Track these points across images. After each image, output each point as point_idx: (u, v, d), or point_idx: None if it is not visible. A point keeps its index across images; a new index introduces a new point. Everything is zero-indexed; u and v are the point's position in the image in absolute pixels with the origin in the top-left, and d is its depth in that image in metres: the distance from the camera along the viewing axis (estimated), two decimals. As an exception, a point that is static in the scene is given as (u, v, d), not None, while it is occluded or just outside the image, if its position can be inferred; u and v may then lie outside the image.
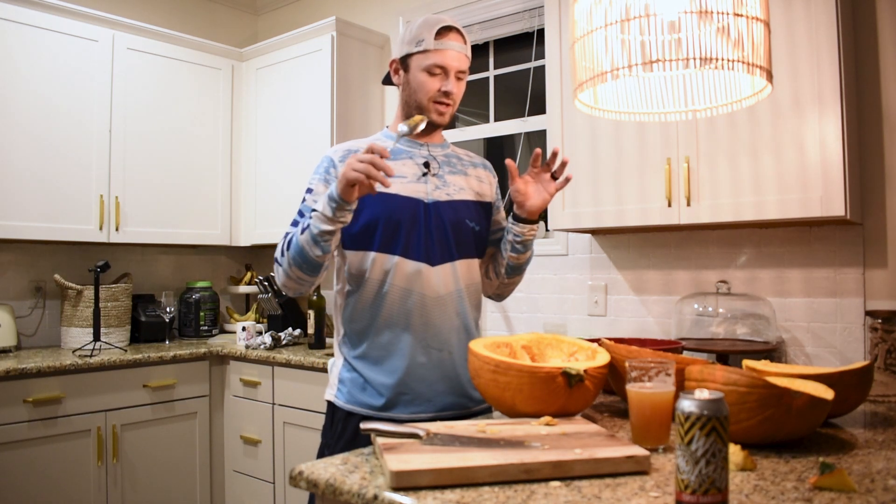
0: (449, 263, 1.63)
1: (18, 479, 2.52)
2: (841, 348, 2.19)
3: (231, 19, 4.07)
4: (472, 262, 1.70)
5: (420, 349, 1.60)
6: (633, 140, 2.27)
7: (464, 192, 1.70)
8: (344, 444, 1.61)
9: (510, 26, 3.07)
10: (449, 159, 1.73)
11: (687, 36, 1.15)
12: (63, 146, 2.97)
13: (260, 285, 3.42)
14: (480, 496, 0.96)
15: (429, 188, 1.65)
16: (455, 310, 1.64)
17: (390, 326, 1.60)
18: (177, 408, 3.01)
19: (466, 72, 1.68)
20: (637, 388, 1.21)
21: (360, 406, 1.62)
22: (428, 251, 1.61)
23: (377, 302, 1.61)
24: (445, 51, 1.61)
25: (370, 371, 1.62)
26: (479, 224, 1.71)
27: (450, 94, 1.63)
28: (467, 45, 1.66)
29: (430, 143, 1.72)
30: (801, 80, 1.95)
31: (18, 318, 3.11)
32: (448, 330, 1.63)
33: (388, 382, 1.60)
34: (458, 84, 1.66)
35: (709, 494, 0.85)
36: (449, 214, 1.64)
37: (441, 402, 1.62)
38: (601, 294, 2.71)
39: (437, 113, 1.64)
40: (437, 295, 1.61)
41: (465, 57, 1.65)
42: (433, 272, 1.61)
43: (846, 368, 1.33)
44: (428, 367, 1.61)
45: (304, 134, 3.29)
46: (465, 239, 1.67)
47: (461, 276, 1.66)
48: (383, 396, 1.60)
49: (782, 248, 2.30)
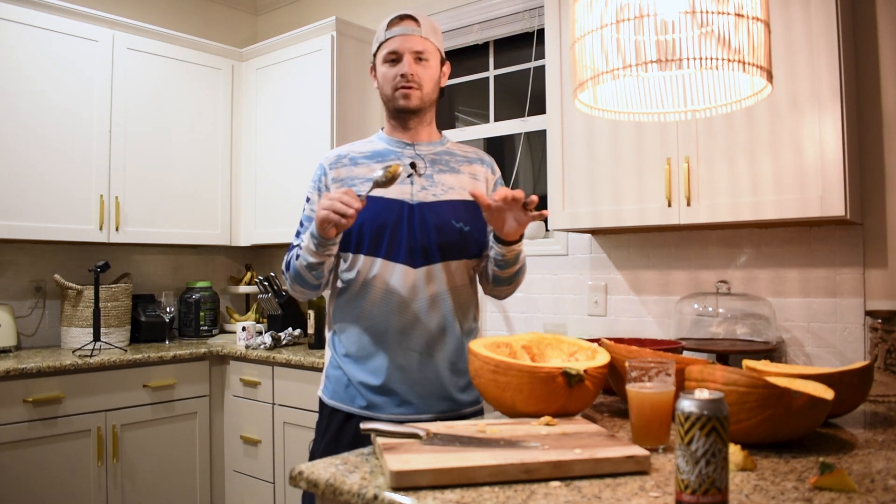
0: (432, 265, 1.62)
1: (18, 479, 2.52)
2: (841, 348, 2.19)
3: (231, 19, 4.07)
4: (459, 264, 1.66)
5: (401, 351, 1.60)
6: (633, 140, 2.27)
7: (452, 191, 1.67)
8: (328, 441, 1.65)
9: (510, 26, 3.07)
10: (440, 157, 1.71)
11: (687, 36, 1.15)
12: (63, 146, 2.97)
13: (260, 285, 3.42)
14: (480, 496, 0.96)
15: (414, 189, 1.64)
16: (438, 312, 1.62)
17: (372, 328, 1.62)
18: (177, 408, 3.01)
19: (427, 52, 1.65)
20: (637, 388, 1.21)
21: (344, 404, 1.64)
22: (410, 253, 1.60)
23: (361, 303, 1.63)
24: (395, 37, 1.64)
25: (354, 370, 1.64)
26: (468, 224, 1.65)
27: (408, 76, 1.62)
28: (421, 26, 1.65)
29: (419, 142, 1.71)
30: (802, 79, 1.95)
31: (18, 318, 3.11)
32: (429, 332, 1.61)
33: (370, 383, 1.61)
34: (420, 65, 1.64)
35: (709, 494, 0.85)
36: (433, 216, 1.62)
37: (423, 404, 1.62)
38: (601, 294, 2.71)
39: (402, 98, 1.64)
40: (419, 297, 1.60)
41: (418, 38, 1.64)
42: (415, 274, 1.60)
43: (846, 368, 1.33)
44: (409, 369, 1.60)
45: (304, 134, 3.29)
46: (451, 240, 1.63)
47: (445, 278, 1.63)
48: (365, 397, 1.62)
49: (782, 248, 2.30)
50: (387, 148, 1.70)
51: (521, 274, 1.70)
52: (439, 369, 1.63)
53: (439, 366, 1.63)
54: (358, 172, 1.67)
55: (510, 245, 1.58)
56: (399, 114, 1.68)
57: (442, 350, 1.63)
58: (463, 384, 1.68)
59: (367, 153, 1.70)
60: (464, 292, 1.69)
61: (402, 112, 1.67)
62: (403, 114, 1.67)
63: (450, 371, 1.65)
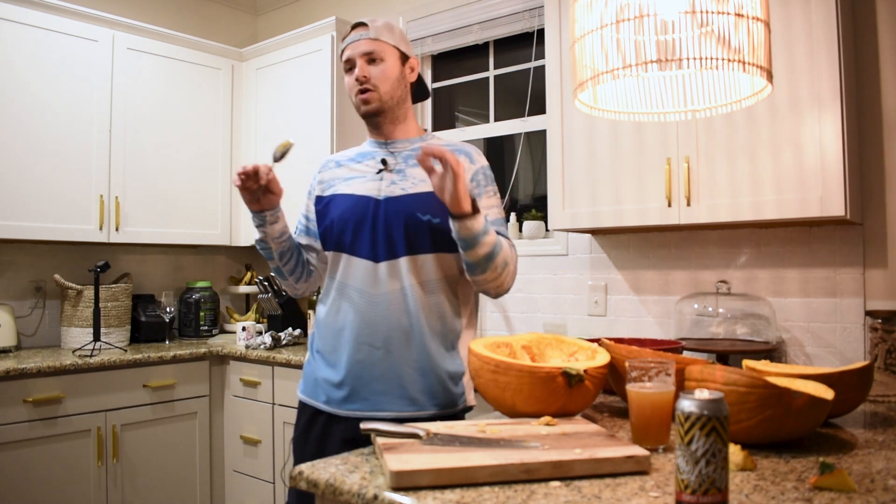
0: (396, 260, 1.59)
1: (18, 479, 2.52)
2: (841, 348, 2.19)
3: (231, 19, 4.07)
4: (429, 258, 1.60)
5: (359, 346, 1.59)
6: (633, 140, 2.27)
7: (423, 183, 1.62)
8: (298, 436, 1.68)
9: (510, 26, 3.07)
10: (417, 152, 1.65)
11: (687, 36, 1.15)
12: (63, 146, 2.97)
13: (260, 285, 3.42)
14: (480, 496, 0.96)
15: (382, 185, 1.64)
16: (399, 308, 1.58)
17: (336, 323, 1.64)
18: (177, 408, 3.01)
19: (377, 52, 1.64)
20: (637, 388, 1.21)
21: (311, 399, 1.66)
22: (374, 248, 1.60)
23: (328, 299, 1.67)
24: (347, 46, 1.67)
25: (319, 365, 1.66)
26: (438, 215, 1.57)
27: (360, 79, 1.63)
28: (370, 29, 1.65)
29: (394, 140, 1.70)
30: (802, 79, 1.95)
31: (18, 318, 3.11)
32: (389, 328, 1.58)
33: (332, 378, 1.62)
34: (374, 66, 1.64)
35: (709, 494, 0.85)
36: (400, 210, 1.60)
37: (380, 401, 1.58)
38: (601, 294, 2.71)
39: (362, 104, 1.65)
40: (380, 292, 1.59)
41: (365, 41, 1.64)
42: (378, 269, 1.60)
43: (846, 368, 1.33)
44: (366, 365, 1.58)
45: (304, 134, 3.29)
46: (419, 233, 1.58)
47: (410, 272, 1.58)
48: (325, 392, 1.63)
49: (782, 248, 2.30)
50: (368, 150, 1.73)
51: (493, 260, 1.52)
52: (400, 368, 1.57)
53: (400, 364, 1.57)
54: (338, 174, 1.73)
55: (461, 220, 1.45)
56: (366, 118, 1.69)
57: (405, 348, 1.58)
58: (427, 386, 1.58)
59: (351, 156, 1.75)
60: (437, 287, 1.61)
61: (366, 116, 1.68)
62: (368, 117, 1.68)
63: (413, 370, 1.58)
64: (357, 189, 1.65)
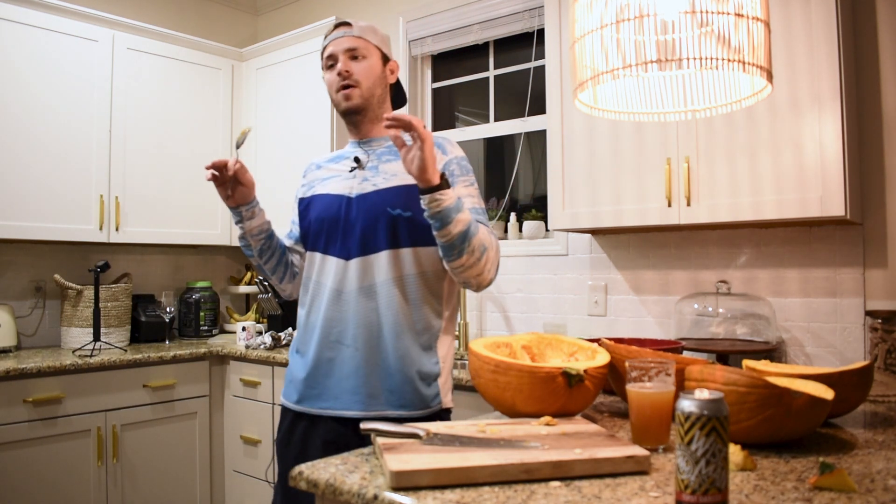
0: (367, 256, 1.58)
1: (18, 479, 2.52)
2: (841, 348, 2.19)
3: (231, 19, 4.07)
4: (402, 253, 1.57)
5: (326, 344, 1.59)
6: (633, 140, 2.27)
7: (395, 178, 1.60)
8: (281, 436, 1.67)
9: (510, 26, 3.07)
10: (391, 149, 1.67)
11: (687, 36, 1.15)
12: (63, 146, 2.97)
13: (260, 285, 3.41)
14: (480, 496, 0.96)
15: (354, 183, 1.65)
16: (367, 305, 1.56)
17: (308, 321, 1.65)
18: (177, 408, 3.01)
19: (360, 49, 1.65)
20: (637, 388, 1.21)
21: (287, 399, 1.67)
22: (345, 246, 1.61)
23: (306, 299, 1.68)
24: (330, 42, 1.69)
25: (294, 364, 1.67)
26: (409, 209, 1.55)
27: (342, 74, 1.64)
28: (353, 28, 1.67)
29: (370, 139, 1.70)
30: (802, 79, 1.95)
31: (18, 318, 3.11)
32: (356, 325, 1.56)
33: (300, 376, 1.63)
34: (357, 63, 1.65)
35: (709, 494, 0.85)
36: (370, 206, 1.59)
37: (346, 400, 1.56)
38: (601, 294, 2.71)
39: (344, 99, 1.65)
40: (348, 289, 1.58)
41: (349, 38, 1.66)
42: (348, 267, 1.60)
43: (846, 368, 1.33)
44: (333, 363, 1.58)
45: (304, 133, 3.29)
46: (390, 229, 1.56)
47: (383, 269, 1.56)
48: (297, 390, 1.63)
49: (782, 248, 2.30)
50: (346, 150, 1.75)
51: (468, 241, 1.44)
52: (367, 366, 1.55)
53: (367, 362, 1.55)
54: (318, 175, 1.75)
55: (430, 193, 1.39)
56: (346, 116, 1.69)
57: (373, 346, 1.55)
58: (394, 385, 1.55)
59: (331, 157, 1.78)
60: (414, 284, 1.57)
61: (346, 114, 1.68)
62: (349, 115, 1.68)
63: (381, 368, 1.55)
64: (332, 189, 1.67)
